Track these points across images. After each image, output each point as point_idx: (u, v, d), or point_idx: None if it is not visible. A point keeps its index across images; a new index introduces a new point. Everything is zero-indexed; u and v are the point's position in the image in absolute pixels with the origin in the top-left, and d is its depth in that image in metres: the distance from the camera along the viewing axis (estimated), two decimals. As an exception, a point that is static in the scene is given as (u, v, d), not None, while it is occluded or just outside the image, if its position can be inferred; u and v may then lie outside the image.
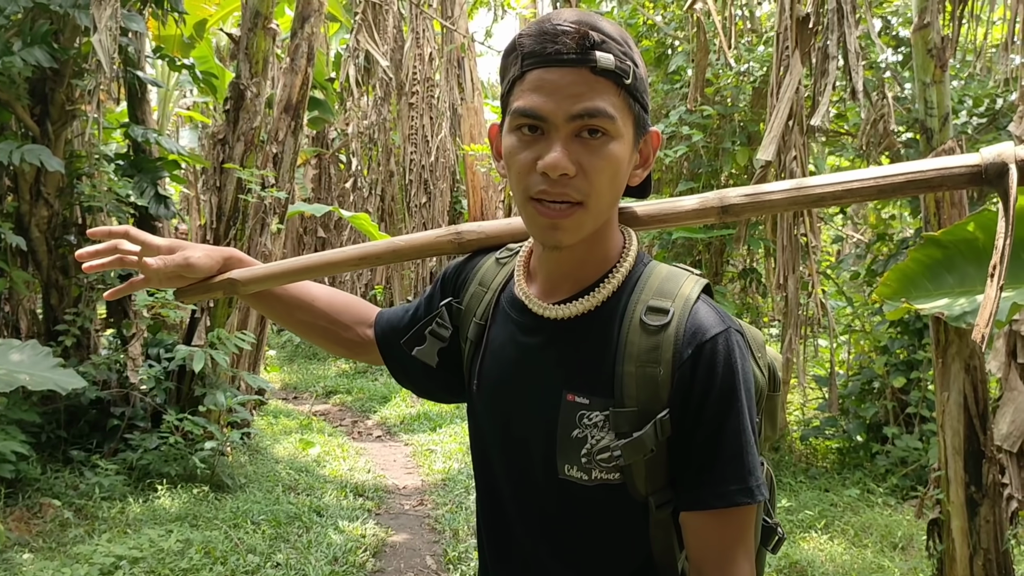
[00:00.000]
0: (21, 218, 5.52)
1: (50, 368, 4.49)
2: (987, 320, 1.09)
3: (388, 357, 1.48)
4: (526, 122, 1.11)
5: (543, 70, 1.09)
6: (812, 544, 4.86)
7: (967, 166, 1.11)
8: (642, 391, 1.13)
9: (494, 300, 1.32)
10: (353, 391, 10.13)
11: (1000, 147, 1.10)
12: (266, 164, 6.42)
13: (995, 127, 5.89)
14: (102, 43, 4.82)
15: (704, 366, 1.12)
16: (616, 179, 1.13)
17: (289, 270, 1.47)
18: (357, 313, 1.52)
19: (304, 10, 6.75)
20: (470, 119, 12.28)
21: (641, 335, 1.15)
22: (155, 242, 1.41)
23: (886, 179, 1.14)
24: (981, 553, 3.15)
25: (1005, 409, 3.78)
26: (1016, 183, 1.07)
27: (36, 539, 4.34)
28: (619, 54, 1.09)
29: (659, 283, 1.19)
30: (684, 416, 1.13)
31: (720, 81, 6.37)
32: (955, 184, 1.14)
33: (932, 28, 3.19)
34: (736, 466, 1.13)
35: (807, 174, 4.44)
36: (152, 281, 1.43)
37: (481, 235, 1.41)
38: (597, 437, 1.15)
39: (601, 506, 1.20)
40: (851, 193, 1.18)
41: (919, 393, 6.21)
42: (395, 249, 1.43)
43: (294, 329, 1.57)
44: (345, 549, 4.61)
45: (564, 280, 1.22)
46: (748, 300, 7.27)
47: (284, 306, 1.52)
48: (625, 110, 1.11)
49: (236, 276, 1.47)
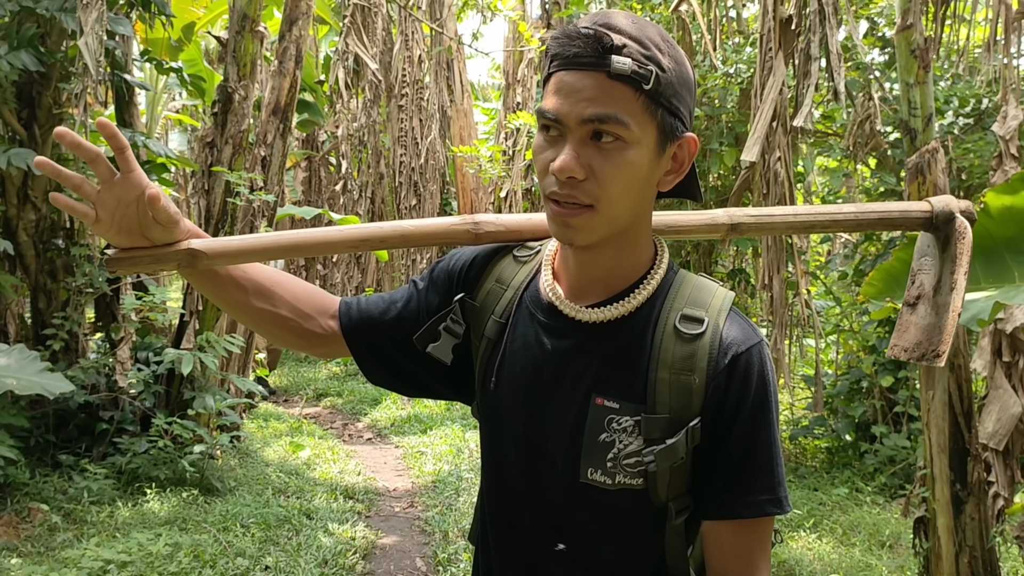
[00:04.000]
0: (8, 222, 5.51)
1: (38, 372, 4.47)
2: (949, 343, 1.28)
3: (364, 351, 1.38)
4: (545, 123, 1.12)
5: (564, 72, 1.10)
6: (801, 543, 4.89)
7: (921, 211, 1.32)
8: (675, 398, 1.14)
9: (516, 299, 1.29)
10: (344, 393, 10.12)
11: (945, 198, 1.33)
12: (254, 167, 6.41)
13: (981, 127, 5.92)
14: (89, 46, 4.81)
15: (739, 377, 1.14)
16: (633, 185, 1.12)
17: (269, 246, 1.27)
18: (318, 302, 1.38)
19: (292, 13, 6.75)
20: (459, 121, 12.29)
21: (676, 342, 1.16)
22: (143, 178, 1.19)
23: (862, 214, 1.35)
24: (967, 550, 3.17)
25: (990, 407, 3.80)
26: (968, 227, 1.29)
27: (24, 544, 4.33)
28: (640, 58, 1.07)
29: (691, 292, 1.20)
30: (716, 425, 1.15)
31: (707, 82, 6.39)
32: (912, 226, 1.35)
33: (915, 29, 3.22)
34: (766, 476, 1.16)
35: (792, 175, 4.47)
36: (104, 221, 1.18)
37: (500, 228, 1.34)
38: (626, 442, 1.16)
39: (620, 511, 1.20)
40: (836, 223, 1.36)
41: (907, 392, 6.25)
42: (403, 234, 1.31)
43: (247, 318, 1.38)
44: (335, 552, 4.60)
45: (594, 285, 1.22)
46: (736, 300, 7.28)
47: (243, 292, 1.33)
48: (644, 115, 1.09)
49: (199, 246, 1.22)
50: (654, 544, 1.22)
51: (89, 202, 1.18)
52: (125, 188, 1.17)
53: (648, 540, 1.22)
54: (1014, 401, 3.56)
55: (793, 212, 1.37)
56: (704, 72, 6.37)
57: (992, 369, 3.77)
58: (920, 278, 1.36)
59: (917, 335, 1.33)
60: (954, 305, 1.27)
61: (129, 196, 1.17)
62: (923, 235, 1.37)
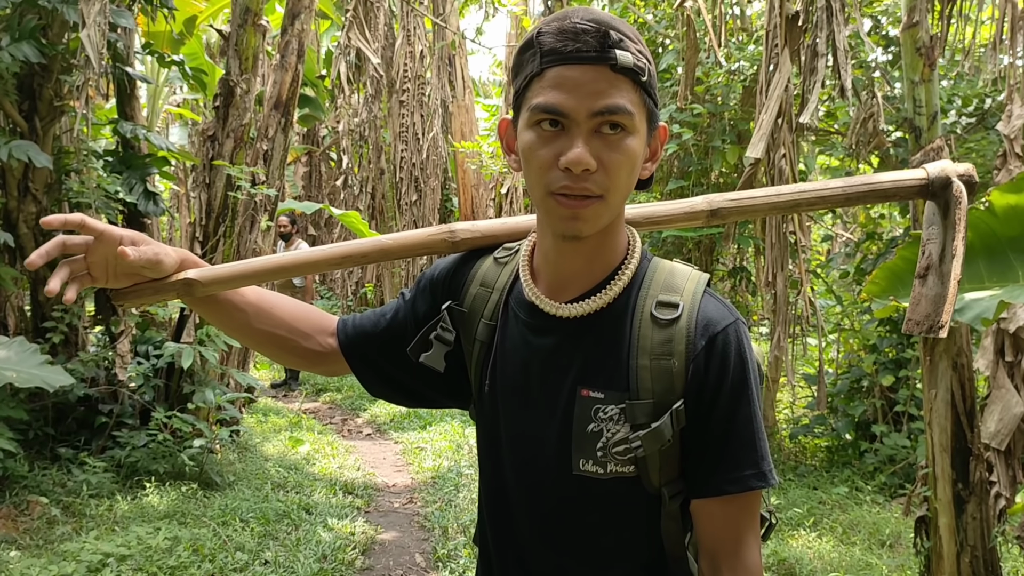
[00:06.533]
0: (9, 214, 5.49)
1: (38, 365, 4.46)
2: (950, 313, 1.25)
3: (361, 365, 1.43)
4: (547, 117, 1.12)
5: (564, 67, 1.11)
6: (800, 542, 4.88)
7: (916, 179, 1.28)
8: (657, 383, 1.17)
9: (502, 300, 1.32)
10: (343, 389, 10.11)
11: (942, 163, 1.29)
12: (256, 161, 6.40)
13: (984, 127, 5.91)
14: (90, 39, 4.79)
15: (717, 356, 1.17)
16: (632, 173, 1.16)
17: (259, 270, 1.33)
18: (316, 322, 1.44)
19: (294, 7, 6.72)
20: (461, 117, 12.27)
21: (653, 329, 1.19)
22: (114, 233, 1.27)
23: (851, 188, 1.30)
24: (968, 550, 3.17)
25: (993, 407, 3.80)
26: (964, 191, 1.25)
27: (23, 536, 4.32)
28: (636, 52, 1.12)
29: (665, 278, 1.23)
30: (698, 406, 1.18)
31: (710, 80, 6.38)
32: (906, 195, 1.30)
33: (921, 27, 3.20)
34: (749, 451, 1.18)
35: (796, 172, 4.45)
36: (100, 278, 1.30)
37: (476, 234, 1.38)
38: (613, 430, 1.18)
39: (615, 500, 1.22)
40: (823, 200, 1.32)
41: (907, 391, 6.24)
42: (383, 248, 1.36)
43: (249, 340, 1.45)
44: (334, 547, 4.60)
45: (574, 277, 1.24)
46: (738, 299, 7.28)
47: (243, 314, 1.40)
48: (641, 106, 1.14)
49: (194, 276, 1.32)
50: (651, 532, 1.24)
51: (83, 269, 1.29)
52: (105, 247, 1.28)
53: (645, 528, 1.24)
54: (1016, 401, 3.56)
55: (776, 192, 1.35)
56: (707, 69, 6.36)
57: (995, 368, 3.76)
58: (928, 248, 1.34)
59: (927, 307, 1.31)
60: (954, 272, 1.25)
61: (112, 251, 1.27)
62: (928, 204, 1.35)
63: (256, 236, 6.26)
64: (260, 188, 6.12)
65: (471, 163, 11.36)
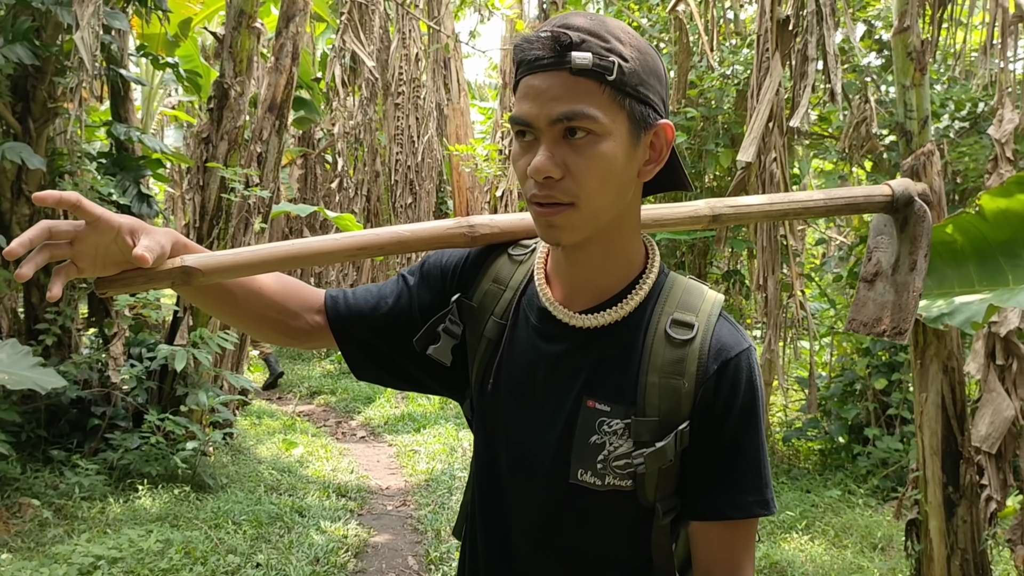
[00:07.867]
0: (2, 216, 5.48)
1: (30, 367, 4.46)
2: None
3: (352, 347, 1.37)
4: (519, 128, 1.13)
5: (529, 77, 1.11)
6: (793, 544, 4.89)
7: (883, 195, 1.38)
8: (664, 402, 1.16)
9: (515, 300, 1.30)
10: (337, 392, 10.10)
11: (904, 182, 1.39)
12: (250, 163, 6.40)
13: (976, 131, 5.92)
14: (84, 40, 4.79)
15: (728, 382, 1.16)
16: (610, 178, 1.11)
17: (266, 259, 1.25)
18: (304, 299, 1.37)
19: (289, 9, 6.73)
20: (456, 119, 12.29)
21: (666, 347, 1.18)
22: (112, 220, 1.13)
23: (831, 200, 1.40)
24: (958, 553, 3.18)
25: (984, 410, 3.80)
26: (927, 210, 1.36)
27: (15, 539, 4.31)
28: (600, 51, 1.07)
29: (681, 296, 1.22)
30: (704, 429, 1.17)
31: (704, 83, 6.39)
32: (875, 209, 1.40)
33: (912, 31, 3.21)
34: (754, 478, 1.19)
35: (788, 176, 4.47)
36: (87, 269, 1.15)
37: (495, 229, 1.34)
38: (616, 444, 1.18)
39: (607, 510, 1.22)
40: (807, 210, 1.41)
41: (900, 395, 6.25)
42: (400, 240, 1.31)
43: (237, 322, 1.40)
44: (327, 550, 4.60)
45: (586, 286, 1.23)
46: (731, 302, 7.29)
47: (233, 298, 1.32)
48: (613, 107, 1.09)
49: (194, 264, 1.19)
50: (640, 543, 1.24)
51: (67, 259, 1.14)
52: (98, 235, 1.13)
53: (635, 539, 1.24)
54: (1007, 404, 3.56)
55: (768, 200, 1.43)
56: (701, 73, 6.37)
57: (985, 372, 3.76)
58: (877, 256, 1.43)
59: (875, 311, 1.42)
60: (915, 286, 1.35)
61: (106, 239, 1.14)
62: (879, 216, 1.44)
63: (250, 238, 6.26)
64: (254, 190, 6.12)
65: (466, 166, 11.38)
